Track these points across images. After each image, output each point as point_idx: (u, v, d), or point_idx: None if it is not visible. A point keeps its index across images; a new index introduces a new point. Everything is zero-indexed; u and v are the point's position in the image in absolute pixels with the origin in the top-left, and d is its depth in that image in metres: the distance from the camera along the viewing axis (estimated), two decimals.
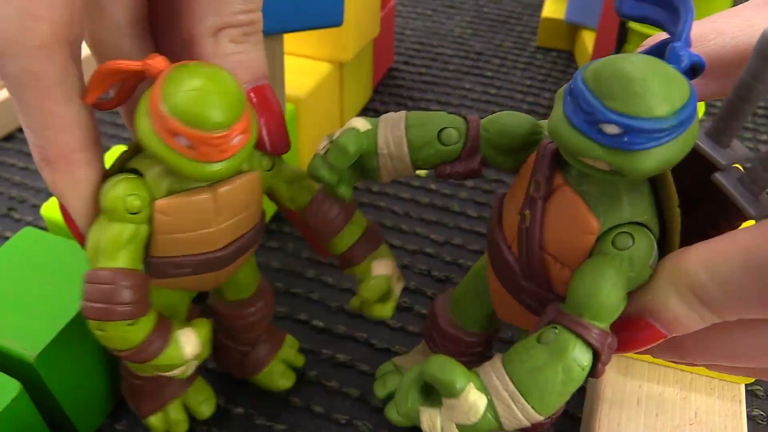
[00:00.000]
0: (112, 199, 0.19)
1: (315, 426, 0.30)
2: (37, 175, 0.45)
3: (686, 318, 0.17)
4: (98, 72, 0.19)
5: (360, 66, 0.48)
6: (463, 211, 0.42)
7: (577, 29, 0.59)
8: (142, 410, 0.28)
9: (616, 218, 0.17)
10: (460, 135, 0.20)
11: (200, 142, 0.17)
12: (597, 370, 0.17)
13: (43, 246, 0.30)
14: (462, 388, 0.17)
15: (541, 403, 0.17)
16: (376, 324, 0.35)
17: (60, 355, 0.26)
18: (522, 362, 0.17)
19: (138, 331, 0.20)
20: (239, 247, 0.22)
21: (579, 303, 0.17)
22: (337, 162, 0.21)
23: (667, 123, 0.14)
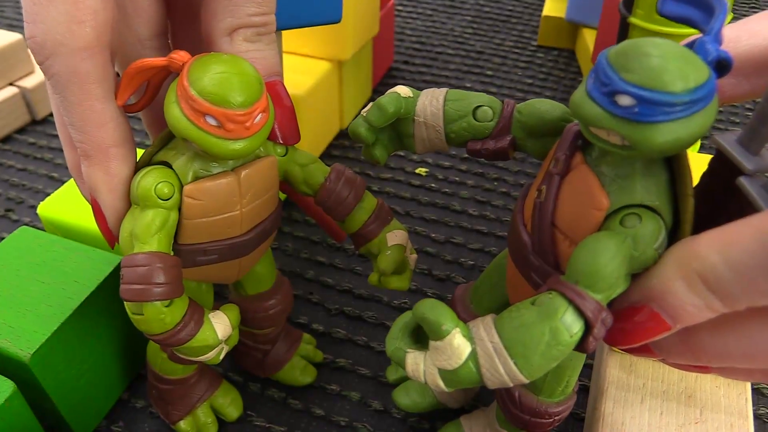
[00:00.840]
0: (145, 188, 0.21)
1: (314, 428, 0.30)
2: (35, 176, 0.45)
3: (692, 306, 0.16)
4: (127, 72, 0.20)
5: (359, 65, 0.48)
6: (464, 209, 0.42)
7: (577, 28, 0.58)
8: (172, 416, 0.29)
9: (626, 199, 0.17)
10: (495, 114, 0.21)
11: (227, 119, 0.19)
12: (587, 342, 0.17)
13: (39, 245, 0.30)
14: (448, 331, 0.17)
15: (523, 360, 0.16)
16: (375, 327, 0.34)
17: (55, 354, 0.26)
18: (511, 319, 0.17)
19: (173, 312, 0.21)
20: (261, 231, 0.23)
21: (576, 270, 0.16)
22: (376, 120, 0.22)
23: (679, 98, 0.14)
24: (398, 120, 0.22)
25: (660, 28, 0.35)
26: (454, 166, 0.46)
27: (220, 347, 0.23)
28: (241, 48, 0.22)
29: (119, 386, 0.30)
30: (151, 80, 0.21)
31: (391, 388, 0.31)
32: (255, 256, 0.24)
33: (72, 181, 0.33)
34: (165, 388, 0.28)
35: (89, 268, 0.28)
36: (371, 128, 0.22)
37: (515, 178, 0.44)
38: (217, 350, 0.23)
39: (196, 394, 0.29)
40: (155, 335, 0.21)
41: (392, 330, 0.18)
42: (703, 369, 0.19)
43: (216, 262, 0.23)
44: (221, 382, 0.30)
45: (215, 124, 0.19)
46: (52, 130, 0.49)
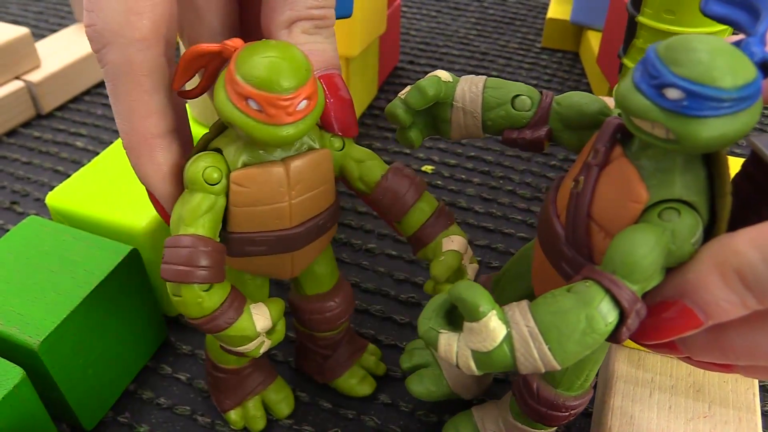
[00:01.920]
0: (193, 172, 0.21)
1: (321, 421, 0.29)
2: (40, 169, 0.45)
3: (727, 303, 0.16)
4: (183, 58, 0.20)
5: (366, 63, 0.48)
6: (470, 207, 0.42)
7: (582, 30, 0.59)
8: (223, 405, 0.29)
9: (665, 193, 0.17)
10: (533, 104, 0.21)
11: (268, 103, 0.19)
12: (620, 333, 0.17)
13: (47, 234, 0.29)
14: (484, 312, 0.17)
15: (558, 346, 0.16)
16: (382, 320, 0.34)
17: (64, 343, 0.26)
18: (547, 305, 0.17)
19: (212, 297, 0.21)
20: (313, 227, 0.23)
21: (613, 260, 0.16)
22: (415, 102, 0.22)
23: (728, 95, 0.15)
24: (436, 104, 0.22)
25: (669, 27, 0.35)
26: (460, 164, 0.46)
27: (260, 340, 0.23)
28: (300, 40, 0.23)
29: (127, 377, 0.30)
30: (208, 66, 0.21)
31: (399, 381, 0.31)
32: (309, 252, 0.24)
33: (81, 172, 0.33)
34: (219, 377, 0.28)
35: (98, 257, 0.28)
36: (409, 110, 0.22)
37: (521, 177, 0.45)
38: (256, 343, 0.22)
39: (249, 387, 0.29)
40: (193, 319, 0.21)
41: (425, 310, 0.18)
42: (726, 368, 0.19)
43: (265, 254, 0.23)
44: (276, 378, 0.30)
45: (257, 108, 0.19)
46: (57, 124, 0.49)
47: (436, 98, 0.22)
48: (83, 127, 0.49)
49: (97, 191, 0.32)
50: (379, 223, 0.40)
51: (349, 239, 0.39)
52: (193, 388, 0.31)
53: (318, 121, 0.23)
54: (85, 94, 0.53)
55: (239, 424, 0.29)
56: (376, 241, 0.39)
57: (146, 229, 0.30)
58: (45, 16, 0.65)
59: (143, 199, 0.31)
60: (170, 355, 0.32)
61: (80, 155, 0.46)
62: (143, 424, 0.29)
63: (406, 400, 0.30)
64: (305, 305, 0.27)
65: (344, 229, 0.40)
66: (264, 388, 0.29)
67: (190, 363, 0.32)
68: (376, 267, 0.37)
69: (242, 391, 0.29)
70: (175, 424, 0.29)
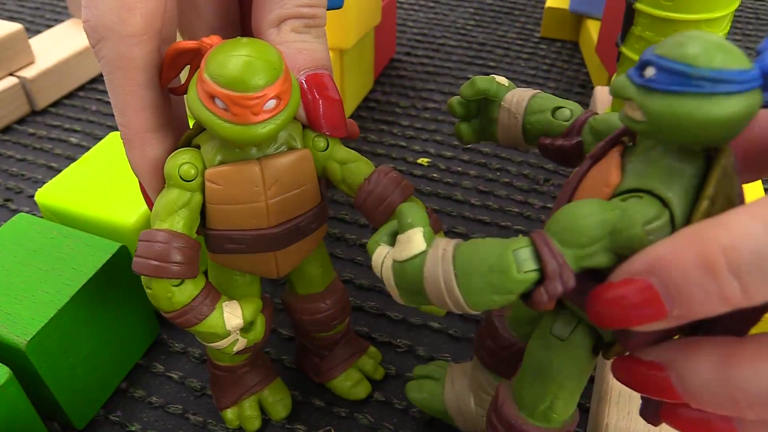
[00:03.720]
0: (170, 168, 0.21)
1: (315, 419, 0.29)
2: (34, 166, 0.45)
3: (701, 289, 0.13)
4: (165, 56, 0.21)
5: (361, 55, 0.48)
6: (466, 199, 0.41)
7: (581, 19, 0.58)
8: (220, 402, 0.29)
9: (638, 182, 0.16)
10: (572, 116, 0.22)
11: (233, 102, 0.19)
12: (537, 294, 0.15)
13: (37, 232, 0.29)
14: (411, 225, 0.17)
15: (463, 275, 0.16)
16: (376, 317, 0.34)
17: (52, 342, 0.26)
18: (474, 240, 0.17)
19: (182, 293, 0.21)
20: (294, 228, 0.23)
21: (551, 220, 0.16)
22: (465, 91, 0.23)
23: (697, 72, 0.14)
24: (488, 103, 0.23)
25: (667, 14, 0.34)
26: (456, 156, 0.45)
27: (233, 338, 0.22)
28: (288, 38, 0.22)
29: (118, 375, 0.30)
30: (192, 63, 0.21)
31: (393, 379, 0.31)
32: (295, 253, 0.24)
33: (70, 169, 0.33)
34: (217, 374, 0.28)
35: (87, 254, 0.28)
36: (462, 102, 0.23)
37: (518, 169, 0.44)
38: (228, 340, 0.22)
39: (245, 386, 0.29)
40: (164, 312, 0.21)
41: (379, 229, 0.18)
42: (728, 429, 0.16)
43: (245, 252, 0.23)
44: (274, 379, 0.29)
45: (222, 107, 0.19)
46: (51, 121, 0.49)
47: (486, 93, 0.23)
48: (77, 123, 0.49)
49: (87, 188, 0.31)
50: None
51: (343, 234, 0.39)
52: (185, 386, 0.30)
53: (304, 120, 0.22)
54: (79, 90, 0.53)
55: (234, 423, 0.28)
56: (370, 236, 0.38)
57: (135, 226, 0.30)
58: (41, 11, 0.65)
59: (132, 195, 0.31)
60: (162, 353, 0.32)
61: (74, 151, 0.46)
62: (135, 423, 0.29)
63: (400, 398, 0.30)
64: (297, 305, 0.27)
65: (339, 223, 0.39)
66: (261, 388, 0.29)
67: (183, 361, 0.32)
68: (370, 263, 0.37)
69: (238, 389, 0.28)
70: (167, 423, 0.29)
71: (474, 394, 0.27)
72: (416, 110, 0.50)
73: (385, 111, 0.50)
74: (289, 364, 0.31)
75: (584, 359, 0.20)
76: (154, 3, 0.20)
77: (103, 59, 0.21)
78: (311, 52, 0.23)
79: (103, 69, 0.21)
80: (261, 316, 0.24)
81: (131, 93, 0.21)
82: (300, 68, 0.22)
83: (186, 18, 0.25)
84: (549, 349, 0.20)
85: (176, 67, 0.21)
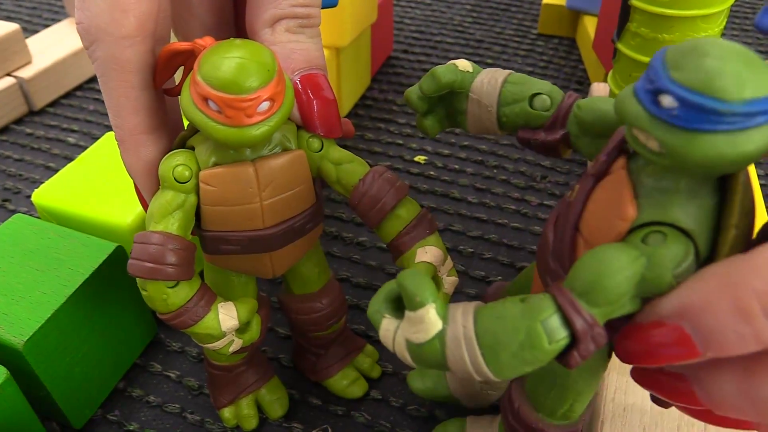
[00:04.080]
0: (164, 170, 0.21)
1: (312, 418, 0.29)
2: (32, 166, 0.45)
3: (736, 334, 0.13)
4: (159, 57, 0.21)
5: (358, 53, 0.48)
6: (463, 197, 0.41)
7: (578, 15, 0.58)
8: (217, 401, 0.29)
9: (657, 215, 0.15)
10: (553, 104, 0.20)
11: (226, 105, 0.19)
12: (570, 356, 0.15)
13: (33, 232, 0.29)
14: (422, 303, 0.16)
15: (491, 353, 0.15)
16: None
17: (49, 342, 0.26)
18: (494, 309, 0.15)
19: (178, 294, 0.21)
20: (289, 229, 0.23)
21: (575, 276, 0.15)
22: (427, 88, 0.21)
23: (728, 108, 0.13)
24: (453, 94, 0.21)
25: (662, 10, 0.34)
26: (453, 154, 0.45)
27: (229, 339, 0.22)
28: (282, 39, 0.22)
29: (115, 375, 0.30)
30: (186, 64, 0.21)
31: (390, 377, 0.31)
32: (290, 253, 0.24)
33: (66, 169, 0.33)
34: (214, 373, 0.28)
35: (84, 255, 0.28)
36: (423, 97, 0.21)
37: (515, 166, 0.44)
38: (224, 341, 0.22)
39: (242, 385, 0.29)
40: (160, 314, 0.21)
41: (378, 293, 0.17)
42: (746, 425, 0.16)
43: (240, 253, 0.23)
44: (271, 377, 0.29)
45: (216, 109, 0.19)
46: (49, 121, 0.49)
47: (450, 86, 0.21)
48: (75, 122, 0.49)
49: (83, 188, 0.31)
50: None
51: (340, 233, 0.39)
52: (183, 386, 0.30)
53: (298, 121, 0.22)
54: (76, 90, 0.53)
55: (231, 422, 0.29)
56: (367, 234, 0.38)
57: (131, 226, 0.30)
58: (38, 11, 0.65)
59: (128, 195, 0.31)
60: (160, 353, 0.32)
61: (72, 151, 0.46)
62: (133, 422, 0.29)
63: (397, 396, 0.30)
64: (292, 304, 0.27)
65: (335, 222, 0.40)
66: (258, 387, 0.29)
67: (180, 360, 0.32)
68: (368, 261, 0.37)
69: (236, 388, 0.29)
70: (165, 422, 0.29)
71: None
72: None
73: (382, 109, 0.50)
74: (287, 362, 0.32)
75: (601, 366, 0.19)
76: (148, 4, 0.20)
77: (96, 61, 0.21)
78: (305, 52, 0.23)
79: (97, 71, 0.21)
80: (256, 317, 0.24)
81: (125, 95, 0.21)
82: (294, 68, 0.22)
83: (180, 18, 0.24)
84: None
85: (170, 68, 0.21)
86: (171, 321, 0.21)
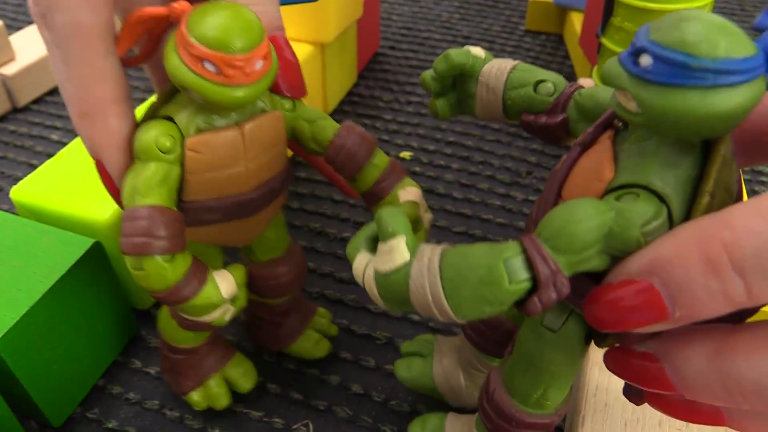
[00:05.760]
0: (146, 141, 0.20)
1: (293, 414, 0.29)
2: (15, 164, 0.44)
3: (704, 290, 0.13)
4: (128, 22, 0.20)
5: (343, 49, 0.47)
6: (448, 193, 0.41)
7: (565, 12, 0.58)
8: (183, 386, 0.28)
9: (634, 177, 0.15)
10: (556, 91, 0.21)
11: (225, 64, 0.19)
12: (530, 302, 0.15)
13: (11, 229, 0.29)
14: (393, 234, 0.16)
15: (451, 286, 0.15)
16: (356, 310, 0.34)
17: (25, 339, 0.26)
18: (460, 247, 0.16)
19: (175, 268, 0.20)
20: (268, 191, 0.23)
21: (543, 224, 0.15)
22: (440, 68, 0.22)
23: (699, 63, 0.13)
24: (464, 78, 0.22)
25: (646, 4, 0.34)
26: (438, 150, 0.45)
27: (226, 307, 0.22)
28: (241, 1, 0.22)
29: (95, 373, 0.30)
30: (152, 31, 0.21)
31: (372, 371, 0.31)
32: (263, 218, 0.24)
33: (45, 165, 0.32)
34: (177, 359, 0.28)
35: (61, 251, 0.28)
36: (436, 77, 0.22)
37: (501, 162, 0.44)
38: (222, 310, 0.22)
39: (208, 365, 0.28)
40: (157, 292, 0.21)
41: (357, 233, 0.18)
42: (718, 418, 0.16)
43: (222, 221, 0.23)
44: (234, 353, 0.29)
45: (213, 70, 0.19)
46: (33, 118, 0.49)
47: (461, 68, 0.22)
48: (59, 120, 0.49)
49: (61, 184, 0.31)
50: (354, 212, 0.40)
51: (324, 228, 0.38)
52: (163, 381, 0.30)
53: None
54: None
55: (202, 404, 0.28)
56: (351, 230, 0.38)
57: (109, 222, 0.29)
58: (23, 8, 0.64)
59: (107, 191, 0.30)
60: (141, 350, 0.32)
61: (55, 148, 0.45)
62: (112, 420, 0.29)
63: (379, 390, 0.30)
64: (259, 272, 0.27)
65: (319, 218, 0.39)
66: (223, 364, 0.29)
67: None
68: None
69: (202, 370, 0.28)
70: (144, 419, 0.29)
71: (463, 370, 0.27)
72: (399, 104, 0.50)
73: (368, 105, 0.50)
74: (253, 350, 0.32)
75: (576, 349, 0.19)
76: None
77: (54, 29, 0.19)
78: (265, 14, 0.22)
79: (56, 39, 0.20)
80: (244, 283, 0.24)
81: (92, 63, 0.20)
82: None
83: None
84: (540, 340, 0.19)
85: (136, 35, 0.20)
86: (170, 298, 0.21)
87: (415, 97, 0.50)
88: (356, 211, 0.40)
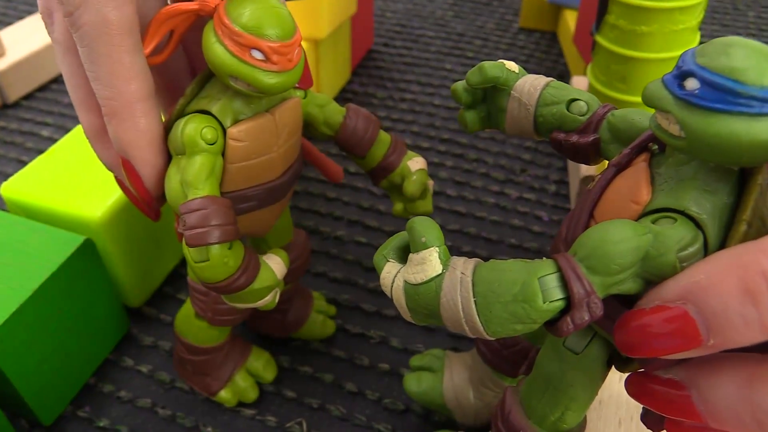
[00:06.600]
0: (190, 134, 0.21)
1: (286, 410, 0.29)
2: (5, 160, 0.44)
3: (741, 318, 0.12)
4: (156, 18, 0.20)
5: (337, 46, 0.47)
6: (442, 190, 0.41)
7: (559, 9, 0.58)
8: (211, 387, 0.29)
9: (670, 201, 0.15)
10: (589, 110, 0.20)
11: (273, 51, 0.20)
12: (561, 323, 0.15)
13: (1, 226, 0.29)
14: (426, 245, 0.16)
15: (483, 302, 0.15)
16: (350, 310, 0.34)
17: (15, 337, 0.25)
18: (494, 263, 0.15)
19: (235, 255, 0.21)
20: (292, 174, 0.24)
21: (579, 243, 0.15)
22: (473, 79, 0.21)
23: (746, 90, 0.13)
24: (496, 91, 0.22)
25: (640, 2, 0.34)
26: (432, 147, 0.45)
27: (276, 290, 0.23)
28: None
29: (86, 371, 0.30)
30: (177, 28, 0.21)
31: (366, 370, 0.31)
32: (284, 204, 0.25)
33: (36, 162, 0.32)
34: (202, 360, 0.28)
35: (51, 248, 0.28)
36: (468, 89, 0.22)
37: (495, 159, 0.44)
38: (274, 293, 0.23)
39: (232, 361, 0.29)
40: (219, 282, 0.21)
41: (387, 241, 0.18)
42: None
43: (256, 209, 0.23)
44: (251, 347, 0.30)
45: (261, 57, 0.20)
46: (23, 114, 0.48)
47: (495, 81, 0.21)
48: (49, 116, 0.48)
49: (53, 181, 0.31)
50: (348, 210, 0.40)
51: (317, 226, 0.38)
52: (155, 380, 0.30)
53: None
54: (51, 83, 0.52)
55: (233, 401, 0.29)
56: (345, 228, 0.38)
57: (102, 219, 0.29)
58: (13, 3, 0.63)
59: (99, 188, 0.30)
60: (132, 348, 0.32)
61: (46, 145, 0.45)
62: (103, 419, 0.28)
63: (373, 389, 0.30)
64: None
65: (313, 216, 0.39)
66: (245, 359, 0.29)
67: (153, 355, 0.31)
68: (345, 255, 0.36)
69: (227, 367, 0.29)
70: (136, 418, 0.28)
71: (474, 387, 0.27)
72: (393, 101, 0.50)
73: (362, 102, 0.49)
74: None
75: (597, 372, 0.19)
76: None
77: (83, 27, 0.20)
78: None
79: (84, 38, 0.20)
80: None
81: (119, 61, 0.20)
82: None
83: None
84: (562, 362, 0.19)
85: (163, 31, 0.21)
86: (231, 286, 0.21)
87: (409, 95, 0.50)
88: (350, 209, 0.40)
